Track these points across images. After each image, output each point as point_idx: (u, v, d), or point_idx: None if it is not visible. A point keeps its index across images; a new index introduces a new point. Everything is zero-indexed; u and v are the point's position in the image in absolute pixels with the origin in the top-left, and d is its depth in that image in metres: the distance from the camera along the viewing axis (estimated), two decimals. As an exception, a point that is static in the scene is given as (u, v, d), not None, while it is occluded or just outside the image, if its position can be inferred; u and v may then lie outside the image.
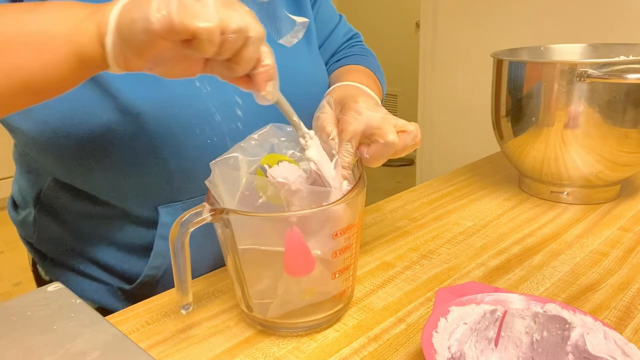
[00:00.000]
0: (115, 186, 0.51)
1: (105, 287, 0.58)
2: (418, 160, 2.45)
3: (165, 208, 0.52)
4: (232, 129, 0.52)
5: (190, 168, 0.50)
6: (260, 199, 0.41)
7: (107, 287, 0.58)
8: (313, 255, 0.39)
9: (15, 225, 0.63)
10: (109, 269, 0.57)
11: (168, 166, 0.49)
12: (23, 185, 0.60)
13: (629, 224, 0.61)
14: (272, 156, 0.42)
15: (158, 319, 0.46)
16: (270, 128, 0.44)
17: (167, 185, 0.51)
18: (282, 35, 0.50)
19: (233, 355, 0.41)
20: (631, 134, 0.61)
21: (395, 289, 0.49)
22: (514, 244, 0.57)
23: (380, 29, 3.22)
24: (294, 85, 0.53)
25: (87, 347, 0.36)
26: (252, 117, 0.52)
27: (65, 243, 0.58)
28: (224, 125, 0.51)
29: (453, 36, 2.12)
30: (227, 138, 0.51)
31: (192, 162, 0.50)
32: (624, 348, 0.32)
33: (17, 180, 0.62)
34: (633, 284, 0.48)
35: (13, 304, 0.41)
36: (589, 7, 1.65)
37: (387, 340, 0.42)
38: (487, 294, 0.38)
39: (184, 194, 0.52)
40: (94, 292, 0.58)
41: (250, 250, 0.39)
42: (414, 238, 0.60)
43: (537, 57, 0.79)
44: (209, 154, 0.48)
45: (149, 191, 0.51)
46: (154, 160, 0.49)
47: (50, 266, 0.60)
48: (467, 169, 0.85)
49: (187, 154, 0.50)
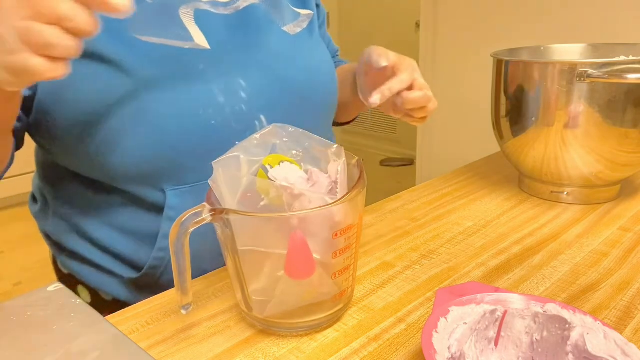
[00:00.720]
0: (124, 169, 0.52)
1: (116, 280, 0.59)
2: (418, 160, 2.45)
3: (173, 191, 0.53)
4: (236, 111, 0.53)
5: (194, 150, 0.52)
6: (262, 202, 0.41)
7: (118, 280, 0.59)
8: (314, 259, 0.39)
9: (36, 219, 0.65)
10: (120, 257, 0.57)
11: (174, 146, 0.51)
12: (40, 180, 0.62)
13: (629, 224, 0.61)
14: (274, 156, 0.42)
15: (158, 319, 0.46)
16: (273, 128, 0.44)
17: (173, 166, 0.52)
18: (285, 23, 0.52)
19: (233, 355, 0.41)
20: (631, 134, 0.61)
21: (395, 289, 0.49)
22: (514, 244, 0.57)
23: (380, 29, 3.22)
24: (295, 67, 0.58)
25: (87, 347, 0.36)
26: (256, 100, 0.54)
27: (78, 232, 0.59)
28: (227, 108, 0.52)
29: (453, 36, 2.12)
30: (231, 120, 0.53)
31: (197, 143, 0.51)
32: (624, 348, 0.32)
33: (36, 176, 0.64)
34: (633, 284, 0.48)
35: (13, 304, 0.41)
36: (589, 7, 1.64)
37: (387, 340, 0.42)
38: (487, 294, 0.38)
39: (190, 177, 0.53)
40: (108, 285, 0.59)
41: (250, 251, 0.39)
42: (414, 238, 0.60)
43: (537, 57, 0.79)
44: (213, 135, 0.50)
45: (156, 173, 0.52)
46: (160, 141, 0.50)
47: (67, 259, 0.61)
48: (467, 169, 0.85)
49: (191, 134, 0.51)
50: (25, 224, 2.95)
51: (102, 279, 0.59)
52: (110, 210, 0.56)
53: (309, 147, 0.44)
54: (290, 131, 0.44)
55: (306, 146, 0.44)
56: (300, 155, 0.44)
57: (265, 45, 0.56)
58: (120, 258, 0.57)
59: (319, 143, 0.44)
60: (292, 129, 0.44)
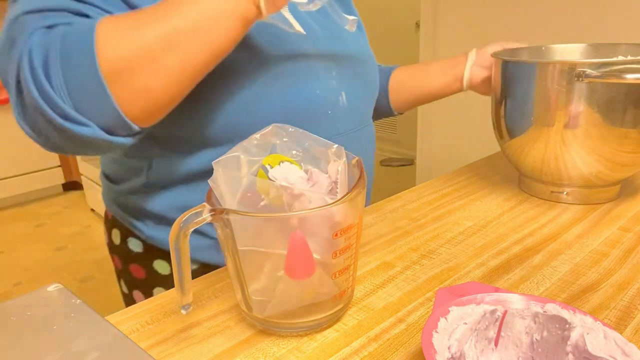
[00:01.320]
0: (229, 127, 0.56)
1: (211, 243, 0.61)
2: (418, 160, 2.45)
3: None
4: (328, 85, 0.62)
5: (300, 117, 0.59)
6: (263, 202, 0.41)
7: (212, 242, 0.60)
8: (314, 259, 0.39)
9: (114, 197, 0.67)
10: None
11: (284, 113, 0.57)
12: (126, 161, 0.64)
13: (629, 224, 0.61)
14: (274, 157, 0.42)
15: (158, 319, 0.46)
16: (273, 128, 0.44)
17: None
18: (343, 24, 0.60)
19: (233, 355, 0.41)
20: (631, 134, 0.61)
21: (395, 289, 0.49)
22: (514, 244, 0.57)
23: (380, 29, 3.22)
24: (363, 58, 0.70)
25: (87, 347, 0.36)
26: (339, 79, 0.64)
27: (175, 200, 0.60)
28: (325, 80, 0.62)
29: (453, 36, 2.12)
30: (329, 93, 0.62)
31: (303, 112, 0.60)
32: (624, 348, 0.32)
33: (115, 160, 0.66)
34: (633, 284, 0.48)
35: (13, 304, 0.41)
36: (589, 7, 1.64)
37: (387, 340, 0.42)
38: (487, 294, 0.38)
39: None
40: (197, 250, 0.61)
41: (250, 251, 0.39)
42: (414, 238, 0.60)
43: (537, 57, 0.79)
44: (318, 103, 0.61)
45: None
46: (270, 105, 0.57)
47: (153, 229, 0.63)
48: (467, 169, 0.85)
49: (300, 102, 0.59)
50: (25, 224, 2.96)
51: (193, 243, 0.60)
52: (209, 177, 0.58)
53: (309, 147, 0.44)
54: (290, 131, 0.44)
55: (306, 146, 0.44)
56: (300, 155, 0.44)
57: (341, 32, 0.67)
58: None
59: (319, 143, 0.44)
60: (292, 129, 0.44)
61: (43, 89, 0.42)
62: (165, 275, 0.66)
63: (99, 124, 0.45)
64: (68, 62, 0.42)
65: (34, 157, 3.16)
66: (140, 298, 0.69)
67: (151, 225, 0.63)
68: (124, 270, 0.70)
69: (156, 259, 0.65)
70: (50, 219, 2.97)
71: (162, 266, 0.65)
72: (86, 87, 0.43)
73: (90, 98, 0.43)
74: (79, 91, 0.43)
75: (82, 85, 0.43)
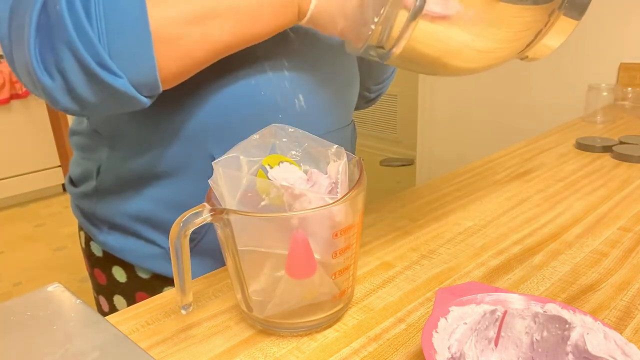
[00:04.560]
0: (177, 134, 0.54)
1: (161, 252, 0.59)
2: (418, 160, 2.45)
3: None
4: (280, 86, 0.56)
5: (243, 120, 0.54)
6: (263, 202, 0.41)
7: (162, 252, 0.59)
8: (315, 258, 0.39)
9: (74, 201, 0.66)
10: (161, 228, 0.58)
11: (225, 113, 0.53)
12: (82, 163, 0.63)
13: (629, 224, 0.61)
14: (274, 157, 0.42)
15: (158, 319, 0.46)
16: (272, 128, 0.44)
17: (222, 133, 0.53)
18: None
19: (233, 355, 0.41)
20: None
21: (395, 289, 0.49)
22: (514, 244, 0.57)
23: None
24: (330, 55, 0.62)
25: (87, 347, 0.36)
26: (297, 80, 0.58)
27: (123, 207, 0.59)
28: (274, 80, 0.55)
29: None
30: (277, 94, 0.55)
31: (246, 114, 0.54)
32: (624, 348, 0.32)
33: (76, 162, 0.65)
34: (633, 284, 0.48)
35: (13, 304, 0.41)
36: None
37: (387, 340, 0.42)
38: (487, 294, 0.38)
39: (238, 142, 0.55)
40: (149, 259, 0.60)
41: (250, 251, 0.39)
42: (414, 238, 0.60)
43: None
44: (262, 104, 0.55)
45: (207, 136, 0.53)
46: (210, 104, 0.53)
47: (108, 234, 0.62)
48: (467, 169, 0.85)
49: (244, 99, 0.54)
50: (25, 224, 2.97)
51: (143, 251, 0.60)
52: (160, 181, 0.57)
53: (308, 147, 0.44)
54: (289, 131, 0.44)
55: (305, 146, 0.44)
56: (300, 156, 0.44)
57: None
58: (162, 228, 0.58)
59: (319, 143, 0.44)
60: (291, 129, 0.44)
61: (81, 25, 0.39)
62: (122, 283, 0.64)
63: (130, 79, 0.43)
64: (114, 9, 0.40)
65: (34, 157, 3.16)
66: (104, 304, 0.68)
67: (105, 230, 0.62)
68: (91, 274, 0.69)
69: (114, 265, 0.64)
70: (50, 219, 2.97)
71: (120, 273, 0.64)
72: (130, 40, 0.41)
73: (131, 52, 0.42)
74: (121, 41, 0.41)
75: (126, 37, 0.41)
